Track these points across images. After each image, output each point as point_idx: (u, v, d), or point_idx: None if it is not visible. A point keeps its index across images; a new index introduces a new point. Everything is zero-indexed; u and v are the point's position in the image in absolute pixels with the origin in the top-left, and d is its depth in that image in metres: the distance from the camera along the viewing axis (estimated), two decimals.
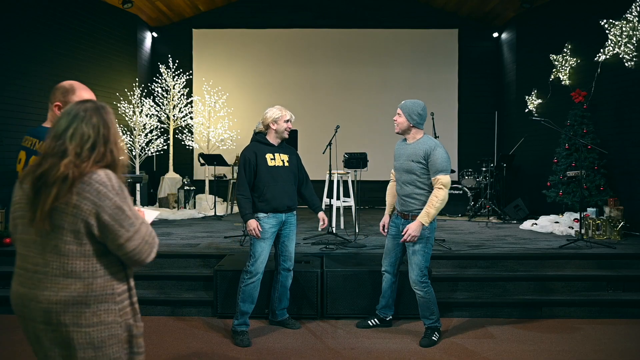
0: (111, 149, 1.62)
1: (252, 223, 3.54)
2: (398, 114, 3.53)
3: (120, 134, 1.73)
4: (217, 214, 7.73)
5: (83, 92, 2.16)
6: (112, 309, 1.58)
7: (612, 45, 6.47)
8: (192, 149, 9.37)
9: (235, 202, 7.12)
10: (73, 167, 1.53)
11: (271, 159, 3.64)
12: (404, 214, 3.55)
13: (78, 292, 1.54)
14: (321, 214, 3.86)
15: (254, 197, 3.60)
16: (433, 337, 3.60)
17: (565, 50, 7.45)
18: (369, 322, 3.93)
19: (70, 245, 1.54)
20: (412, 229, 3.36)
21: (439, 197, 3.33)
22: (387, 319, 3.93)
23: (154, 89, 8.72)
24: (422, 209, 3.39)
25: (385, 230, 3.78)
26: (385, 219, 3.80)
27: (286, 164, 3.70)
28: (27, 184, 1.58)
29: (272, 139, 3.69)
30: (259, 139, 3.71)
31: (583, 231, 5.70)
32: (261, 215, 3.60)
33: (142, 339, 1.68)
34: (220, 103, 9.01)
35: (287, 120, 3.67)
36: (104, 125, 1.62)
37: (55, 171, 1.52)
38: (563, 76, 7.47)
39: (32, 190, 1.55)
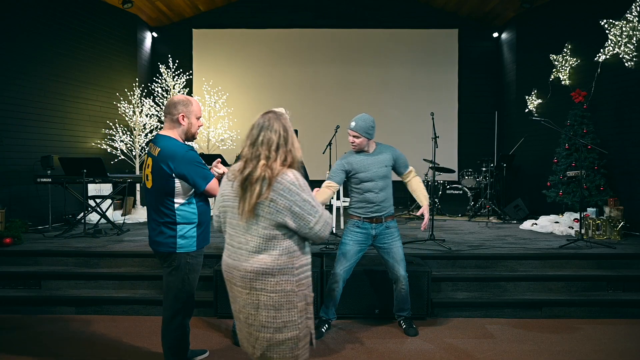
0: (290, 148, 2.00)
1: None
2: (355, 136, 3.60)
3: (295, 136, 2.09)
4: None
5: (195, 103, 2.69)
6: (291, 280, 1.95)
7: (612, 45, 6.48)
8: None
9: None
10: (267, 168, 1.92)
11: None
12: (377, 219, 3.65)
13: (267, 265, 1.93)
14: None
15: None
16: (414, 325, 3.87)
17: (565, 50, 7.46)
18: (321, 329, 3.76)
19: (266, 230, 1.94)
20: (427, 210, 3.70)
21: (421, 182, 3.83)
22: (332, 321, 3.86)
23: (154, 89, 8.72)
24: (392, 209, 3.71)
25: None
26: None
27: None
28: (237, 183, 1.98)
29: None
30: None
31: (583, 231, 5.70)
32: None
33: (312, 307, 2.05)
34: (220, 103, 9.01)
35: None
36: (283, 129, 2.00)
37: (255, 173, 1.92)
38: (563, 76, 7.48)
39: (241, 188, 1.96)
